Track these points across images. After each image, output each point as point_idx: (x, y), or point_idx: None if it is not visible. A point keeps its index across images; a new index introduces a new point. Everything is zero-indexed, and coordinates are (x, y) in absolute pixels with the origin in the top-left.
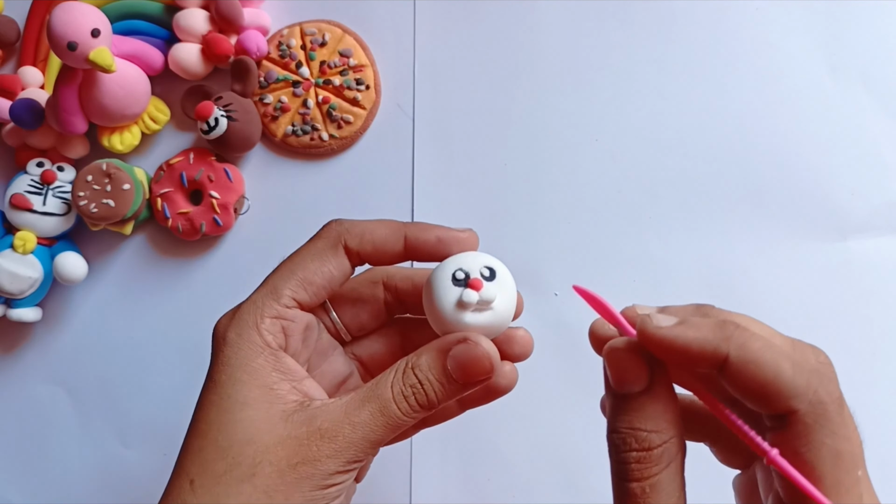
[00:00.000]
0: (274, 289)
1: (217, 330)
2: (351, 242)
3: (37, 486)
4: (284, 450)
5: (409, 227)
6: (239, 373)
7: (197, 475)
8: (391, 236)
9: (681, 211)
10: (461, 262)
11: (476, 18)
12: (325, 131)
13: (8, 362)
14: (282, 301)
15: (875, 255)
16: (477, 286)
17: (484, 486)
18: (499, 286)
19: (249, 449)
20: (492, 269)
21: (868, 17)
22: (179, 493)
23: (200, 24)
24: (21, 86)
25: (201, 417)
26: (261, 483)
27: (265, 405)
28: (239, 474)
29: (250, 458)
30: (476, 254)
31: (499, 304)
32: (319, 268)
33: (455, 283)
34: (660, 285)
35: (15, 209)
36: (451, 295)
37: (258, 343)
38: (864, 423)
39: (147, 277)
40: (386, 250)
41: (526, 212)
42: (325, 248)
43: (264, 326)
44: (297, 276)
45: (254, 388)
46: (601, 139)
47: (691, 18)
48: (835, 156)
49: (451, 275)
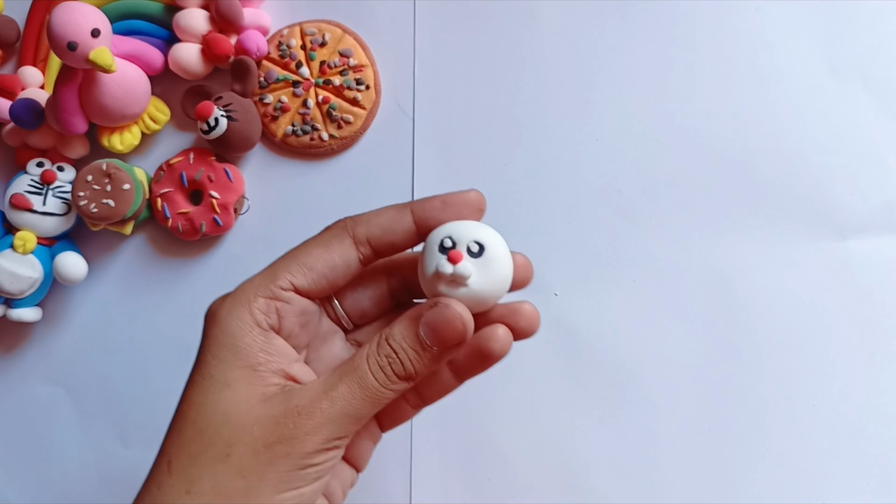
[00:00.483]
0: (272, 272)
1: (210, 309)
2: (358, 231)
3: (37, 486)
4: (260, 429)
5: (413, 204)
6: (224, 352)
7: (174, 456)
8: (397, 216)
9: (681, 211)
10: (454, 230)
11: (476, 18)
12: (325, 131)
13: (8, 362)
14: (277, 282)
15: (875, 255)
16: (455, 258)
17: (484, 486)
18: (482, 264)
19: (225, 429)
20: (481, 245)
21: (868, 17)
22: (158, 474)
23: (200, 24)
24: (21, 86)
25: (185, 398)
26: (234, 463)
27: (246, 386)
28: (214, 455)
29: (225, 439)
30: (475, 225)
31: (477, 282)
32: (322, 254)
33: (440, 251)
34: (660, 285)
35: (15, 209)
36: (434, 261)
37: (248, 322)
38: (865, 423)
39: (147, 277)
40: (396, 231)
41: (526, 211)
42: (330, 238)
43: (256, 305)
44: (298, 261)
45: (237, 368)
46: (601, 139)
47: (692, 18)
48: (835, 156)
49: (439, 240)
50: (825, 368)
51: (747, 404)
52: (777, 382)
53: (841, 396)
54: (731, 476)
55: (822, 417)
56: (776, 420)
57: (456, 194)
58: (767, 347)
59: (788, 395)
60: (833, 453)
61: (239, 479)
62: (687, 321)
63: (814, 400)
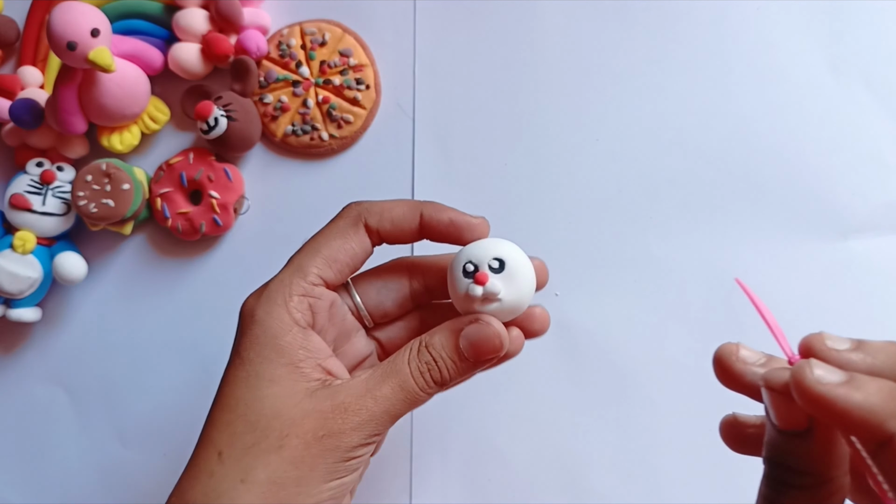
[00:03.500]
0: (300, 267)
1: (245, 308)
2: (371, 220)
3: (37, 486)
4: (310, 423)
5: (426, 206)
6: (267, 350)
7: (225, 447)
8: (408, 214)
9: (681, 211)
10: (472, 254)
11: (476, 18)
12: (325, 131)
13: (8, 362)
14: (308, 279)
15: (876, 255)
16: (482, 280)
17: (484, 486)
18: (507, 277)
19: (276, 422)
20: (501, 260)
21: (869, 16)
22: (207, 463)
23: (200, 23)
24: (20, 86)
25: (229, 392)
26: (288, 454)
27: (290, 382)
28: (266, 446)
29: (277, 431)
30: (490, 242)
31: (507, 294)
32: (342, 245)
33: (465, 276)
34: (660, 285)
35: (14, 209)
36: (463, 285)
37: (287, 321)
38: None
39: (147, 277)
40: (403, 228)
41: (526, 212)
42: (347, 227)
43: (293, 304)
44: (322, 254)
45: (280, 365)
46: (602, 139)
47: (692, 18)
48: (835, 155)
49: (462, 266)
50: None
51: (747, 404)
52: None
53: None
54: (731, 476)
55: None
56: None
57: (465, 217)
58: (767, 347)
59: None
60: None
61: (292, 469)
62: (687, 321)
63: None
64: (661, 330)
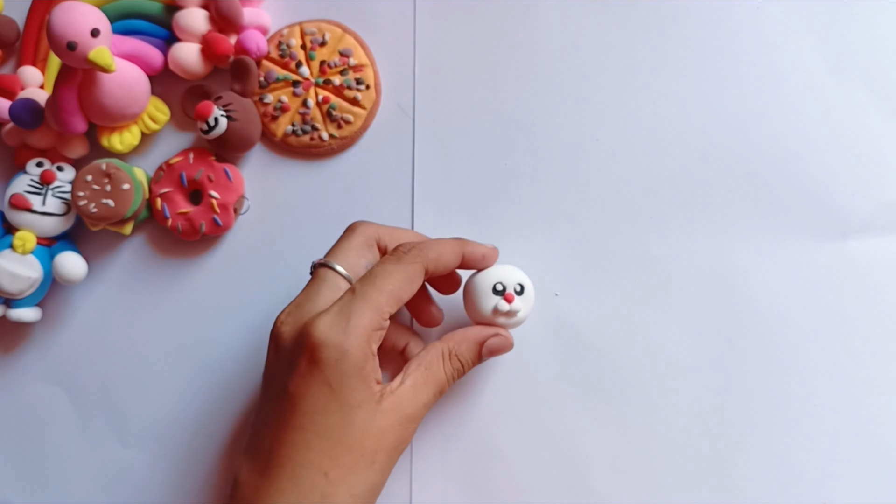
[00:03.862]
0: (377, 305)
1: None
2: (431, 267)
3: (37, 486)
4: (389, 437)
5: (465, 246)
6: (355, 381)
7: (330, 469)
8: (455, 258)
9: (681, 211)
10: (501, 276)
11: (476, 18)
12: (325, 131)
13: (8, 362)
14: (384, 317)
15: (876, 255)
16: (510, 300)
17: (484, 486)
18: (524, 299)
19: (368, 442)
20: (523, 286)
21: (869, 16)
22: (315, 485)
23: (200, 23)
24: (20, 85)
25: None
26: (378, 467)
27: (371, 403)
28: (364, 464)
29: (370, 449)
30: (513, 270)
31: (521, 313)
32: (408, 288)
33: (494, 293)
34: (660, 285)
35: (14, 209)
36: (490, 301)
37: (368, 353)
38: (865, 423)
39: (147, 277)
40: (450, 268)
41: (526, 211)
42: (416, 273)
43: (373, 339)
44: (394, 295)
45: (362, 390)
46: (601, 139)
47: (692, 18)
48: (835, 155)
49: (492, 285)
50: (826, 368)
51: (747, 404)
52: (777, 382)
53: (841, 396)
54: (731, 476)
55: (823, 417)
56: (776, 420)
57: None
58: (767, 347)
59: (789, 394)
60: (833, 453)
61: (381, 476)
62: (687, 321)
63: (814, 400)
64: (660, 330)
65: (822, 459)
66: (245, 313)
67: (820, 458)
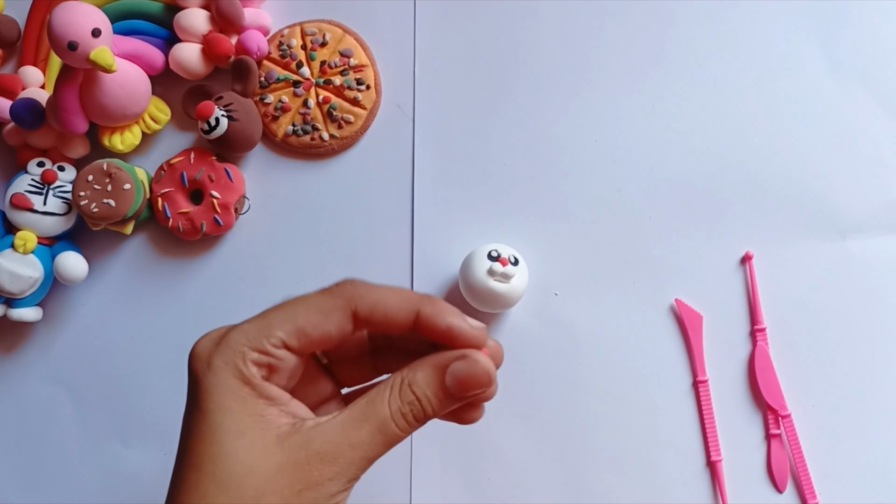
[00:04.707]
0: (268, 325)
1: (198, 354)
2: (361, 309)
3: (37, 486)
4: (285, 477)
5: (424, 303)
6: (228, 401)
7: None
8: (403, 309)
9: (681, 211)
10: (497, 246)
11: (476, 18)
12: (326, 131)
13: (8, 362)
14: (271, 340)
15: (875, 254)
16: (504, 263)
17: (484, 486)
18: (518, 270)
19: (250, 480)
20: (517, 258)
21: (868, 16)
22: None
23: (201, 23)
24: (22, 85)
25: (193, 450)
26: None
27: (259, 432)
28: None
29: (252, 490)
30: (507, 246)
31: (515, 282)
32: (320, 323)
33: (489, 259)
34: (660, 285)
35: (16, 209)
36: (485, 265)
37: (244, 374)
38: (865, 423)
39: (147, 277)
40: (396, 322)
41: (525, 212)
42: (334, 308)
43: (251, 358)
44: (295, 324)
45: (244, 416)
46: (601, 139)
47: (691, 19)
48: (835, 155)
49: (487, 252)
50: (825, 368)
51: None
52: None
53: (841, 396)
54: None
55: (822, 417)
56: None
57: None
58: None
59: (787, 394)
60: (833, 453)
61: None
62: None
63: (813, 399)
64: (660, 329)
65: (821, 458)
66: (245, 313)
67: (819, 458)
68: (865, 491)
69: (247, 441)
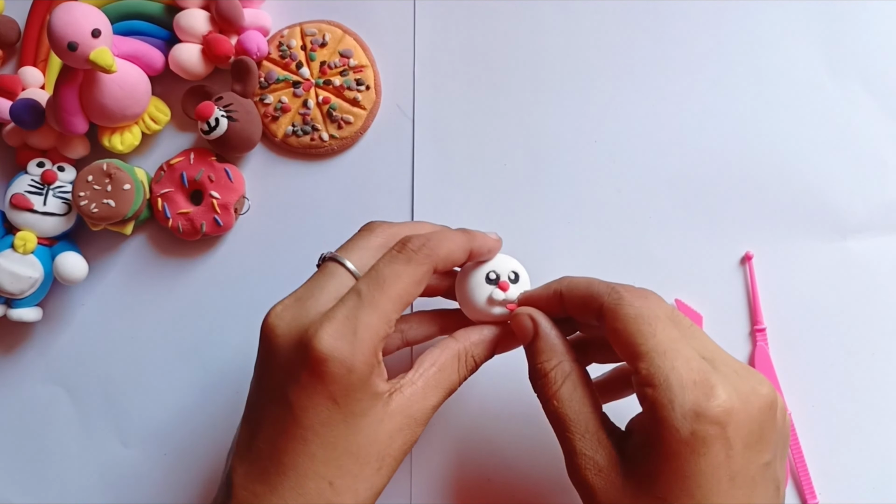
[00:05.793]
0: (386, 314)
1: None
2: (440, 266)
3: (37, 486)
4: (396, 441)
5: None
6: (359, 393)
7: (335, 478)
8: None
9: (681, 211)
10: (494, 265)
11: (476, 18)
12: (326, 131)
13: (8, 362)
14: (391, 324)
15: (875, 254)
16: (505, 288)
17: (484, 486)
18: (519, 287)
19: (374, 448)
20: (517, 273)
21: (868, 17)
22: (321, 493)
23: (201, 24)
24: (21, 86)
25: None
26: (385, 472)
27: (377, 409)
28: (370, 470)
29: (376, 456)
30: (505, 258)
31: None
32: (414, 291)
33: (488, 282)
34: (660, 285)
35: (15, 209)
36: (484, 291)
37: (373, 363)
38: (865, 423)
39: (148, 277)
40: (456, 264)
41: (526, 212)
42: (426, 276)
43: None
44: (404, 301)
45: (366, 398)
46: (601, 140)
47: (690, 19)
48: (834, 156)
49: (485, 275)
50: (825, 368)
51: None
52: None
53: (841, 396)
54: None
55: (822, 417)
56: None
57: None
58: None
59: (787, 394)
60: (833, 453)
61: (387, 481)
62: None
63: (813, 399)
64: None
65: (820, 458)
66: (245, 313)
67: (819, 457)
68: (865, 491)
69: (369, 419)
